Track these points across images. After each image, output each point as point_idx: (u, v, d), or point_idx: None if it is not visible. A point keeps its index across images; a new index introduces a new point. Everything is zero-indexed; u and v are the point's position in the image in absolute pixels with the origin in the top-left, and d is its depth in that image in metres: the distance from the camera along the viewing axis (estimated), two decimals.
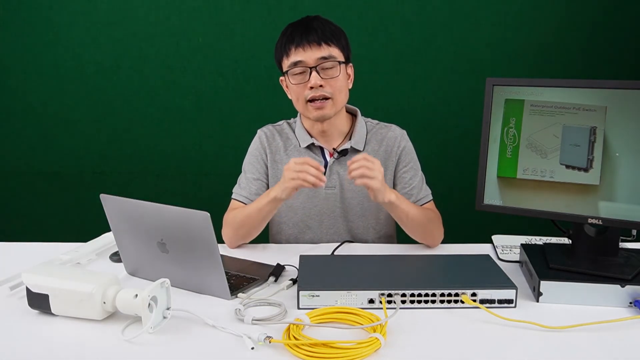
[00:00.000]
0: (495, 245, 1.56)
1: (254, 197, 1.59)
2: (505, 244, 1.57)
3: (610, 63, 2.52)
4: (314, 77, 1.49)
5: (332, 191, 1.62)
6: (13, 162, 2.70)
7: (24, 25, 2.54)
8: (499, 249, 1.53)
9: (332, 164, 1.61)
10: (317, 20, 1.53)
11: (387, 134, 1.65)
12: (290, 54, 1.50)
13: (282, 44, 1.53)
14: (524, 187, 1.28)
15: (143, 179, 2.70)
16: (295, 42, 1.49)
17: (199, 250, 1.19)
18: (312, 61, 1.49)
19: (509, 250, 1.52)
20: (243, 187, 1.63)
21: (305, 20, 1.54)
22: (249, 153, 1.67)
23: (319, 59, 1.49)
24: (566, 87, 1.21)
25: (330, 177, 1.61)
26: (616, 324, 1.08)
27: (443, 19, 2.51)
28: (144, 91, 2.60)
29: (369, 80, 2.55)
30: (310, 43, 1.48)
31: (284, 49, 1.52)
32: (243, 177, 1.65)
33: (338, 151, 1.60)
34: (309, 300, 1.15)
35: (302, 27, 1.51)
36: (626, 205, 1.18)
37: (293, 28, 1.53)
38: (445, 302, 1.16)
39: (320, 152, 1.63)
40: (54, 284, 1.10)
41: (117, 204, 1.26)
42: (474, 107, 2.53)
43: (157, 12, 2.52)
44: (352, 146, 1.60)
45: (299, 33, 1.50)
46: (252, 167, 1.64)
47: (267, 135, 1.66)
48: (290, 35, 1.51)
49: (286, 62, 1.52)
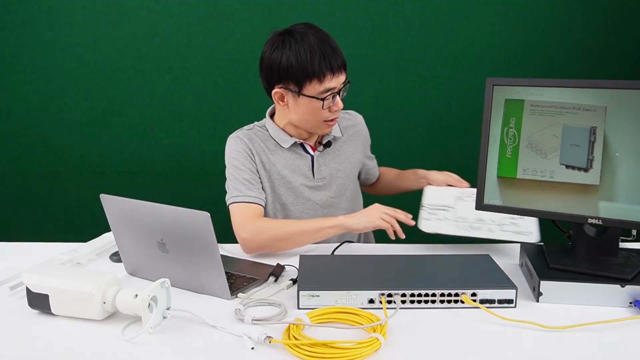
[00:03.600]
0: (423, 205, 1.57)
1: (262, 196, 1.58)
2: (434, 204, 1.58)
3: (610, 63, 2.52)
4: (340, 102, 1.54)
5: (322, 183, 1.65)
6: (13, 162, 2.70)
7: (24, 25, 2.54)
8: (424, 210, 1.55)
9: (317, 157, 1.65)
10: (329, 39, 1.51)
11: (355, 120, 1.77)
12: (324, 80, 1.47)
13: (312, 65, 1.46)
14: (524, 187, 1.28)
15: (143, 179, 2.70)
16: (333, 69, 1.48)
17: (199, 250, 1.19)
18: (339, 86, 1.52)
19: (435, 211, 1.54)
20: (247, 188, 1.56)
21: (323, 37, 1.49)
22: (233, 158, 1.60)
23: (342, 83, 1.53)
24: (566, 87, 1.21)
25: (319, 170, 1.65)
26: (616, 324, 1.08)
27: (443, 19, 2.51)
28: (144, 91, 2.60)
29: (369, 80, 2.56)
30: (341, 70, 1.50)
31: (317, 73, 1.46)
32: (239, 180, 1.57)
33: (323, 144, 1.66)
34: (309, 300, 1.15)
35: (331, 51, 1.48)
36: (626, 205, 1.18)
37: (320, 48, 1.47)
38: (445, 302, 1.16)
39: (302, 149, 1.65)
40: (54, 284, 1.11)
41: (117, 204, 1.26)
42: (474, 107, 2.54)
43: (157, 12, 2.52)
44: (334, 135, 1.68)
45: (333, 58, 1.48)
46: (245, 168, 1.58)
47: (247, 138, 1.62)
48: (324, 60, 1.46)
49: (317, 87, 1.48)
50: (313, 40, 1.47)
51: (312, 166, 1.64)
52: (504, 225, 1.47)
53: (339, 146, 1.69)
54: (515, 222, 1.46)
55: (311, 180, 1.64)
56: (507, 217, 1.46)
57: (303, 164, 1.64)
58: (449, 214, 1.53)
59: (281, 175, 1.62)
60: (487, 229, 1.47)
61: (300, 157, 1.64)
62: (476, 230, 1.47)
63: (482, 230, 1.47)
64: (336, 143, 1.69)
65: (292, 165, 1.63)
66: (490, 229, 1.47)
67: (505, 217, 1.46)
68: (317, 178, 1.64)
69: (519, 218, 1.45)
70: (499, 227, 1.46)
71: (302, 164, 1.64)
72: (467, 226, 1.49)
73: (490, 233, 1.46)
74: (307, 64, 1.46)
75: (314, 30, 1.50)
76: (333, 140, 1.67)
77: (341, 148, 1.69)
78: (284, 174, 1.62)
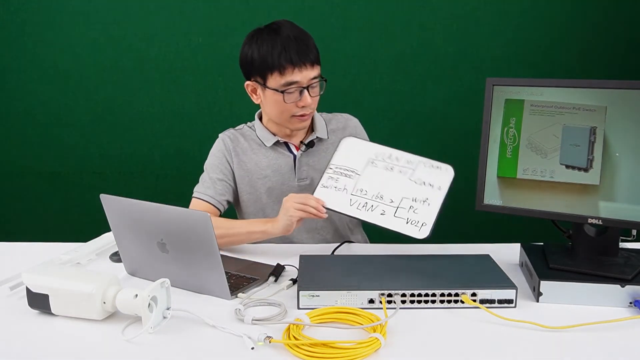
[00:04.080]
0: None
1: (219, 197, 1.62)
2: (341, 164, 1.47)
3: (610, 63, 2.52)
4: (307, 97, 1.51)
5: (304, 183, 1.65)
6: (13, 162, 2.70)
7: (24, 25, 2.54)
8: (327, 172, 1.47)
9: (300, 157, 1.64)
10: (301, 33, 1.51)
11: (348, 122, 1.73)
12: (285, 73, 1.48)
13: (272, 57, 1.48)
14: (524, 187, 1.28)
15: (143, 179, 2.70)
16: (293, 61, 1.47)
17: (199, 250, 1.19)
18: (306, 81, 1.50)
19: (338, 176, 1.45)
20: (208, 187, 1.63)
21: (289, 32, 1.50)
22: (211, 155, 1.68)
23: (311, 79, 1.51)
24: (566, 87, 1.21)
25: (301, 170, 1.64)
26: (616, 324, 1.08)
27: (443, 19, 2.51)
28: (144, 91, 2.60)
29: (369, 80, 2.56)
30: (305, 63, 1.48)
31: (277, 65, 1.48)
32: (207, 177, 1.65)
33: (305, 144, 1.64)
34: (309, 300, 1.15)
35: (295, 43, 1.48)
36: (626, 205, 1.18)
37: (282, 41, 1.48)
38: (445, 302, 1.16)
39: (286, 148, 1.66)
40: (54, 284, 1.11)
41: (117, 204, 1.26)
42: (474, 107, 2.53)
43: (157, 12, 2.52)
44: (318, 136, 1.65)
45: (295, 51, 1.47)
46: (216, 168, 1.65)
47: (230, 139, 1.67)
48: (285, 52, 1.47)
49: (278, 80, 1.50)
50: (282, 34, 1.49)
51: (294, 166, 1.64)
52: (400, 210, 1.36)
53: (325, 148, 1.66)
54: (415, 209, 1.36)
55: (293, 180, 1.64)
56: (408, 200, 1.37)
57: (285, 163, 1.64)
58: (349, 182, 1.43)
59: (263, 174, 1.64)
60: (381, 211, 1.37)
61: (283, 157, 1.65)
62: (368, 211, 1.38)
63: (374, 212, 1.37)
64: (321, 144, 1.67)
65: (274, 164, 1.64)
66: (384, 211, 1.37)
67: (407, 200, 1.37)
68: (298, 178, 1.64)
69: (420, 204, 1.36)
70: (393, 210, 1.37)
71: (284, 163, 1.64)
72: (362, 203, 1.39)
73: (381, 217, 1.36)
74: (268, 56, 1.49)
75: (288, 26, 1.52)
76: (317, 141, 1.66)
77: (327, 150, 1.66)
78: (266, 173, 1.64)
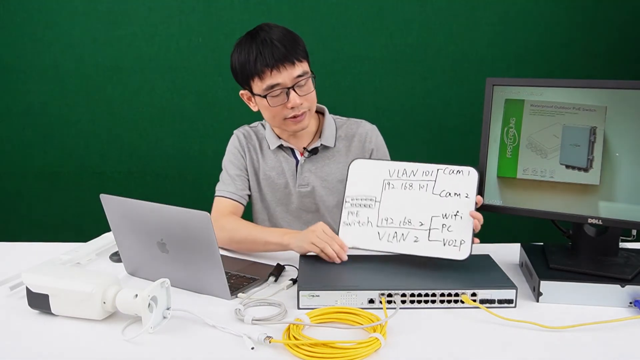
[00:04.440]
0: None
1: (240, 192, 1.62)
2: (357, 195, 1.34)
3: (610, 63, 2.52)
4: (294, 97, 1.47)
5: (305, 189, 1.63)
6: (13, 162, 2.70)
7: (24, 25, 2.54)
8: (346, 206, 1.34)
9: (303, 162, 1.62)
10: (279, 33, 1.46)
11: (358, 130, 1.65)
12: (264, 77, 1.44)
13: (249, 63, 1.45)
14: (524, 187, 1.28)
15: (143, 179, 2.70)
16: (269, 65, 1.43)
17: (199, 250, 1.19)
18: (290, 81, 1.46)
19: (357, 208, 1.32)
20: (228, 184, 1.63)
21: (266, 35, 1.45)
22: (228, 152, 1.68)
23: (295, 78, 1.46)
24: (566, 87, 1.21)
25: (302, 176, 1.63)
26: (616, 324, 1.08)
27: (443, 19, 2.51)
28: (144, 91, 2.60)
29: (369, 80, 2.56)
30: (284, 64, 1.43)
31: (255, 71, 1.45)
32: (226, 175, 1.65)
33: (309, 150, 1.61)
34: (309, 300, 1.15)
35: (270, 46, 1.43)
36: (626, 205, 1.18)
37: (257, 45, 1.44)
38: (445, 302, 1.16)
39: (290, 152, 1.64)
40: (54, 284, 1.10)
41: (117, 204, 1.26)
42: (474, 107, 2.53)
43: (157, 12, 2.52)
44: (322, 144, 1.62)
45: (270, 53, 1.43)
46: (232, 164, 1.65)
47: (244, 135, 1.68)
48: (261, 56, 1.43)
49: (259, 85, 1.46)
50: (258, 39, 1.45)
51: (296, 171, 1.63)
52: (433, 232, 1.26)
53: (330, 155, 1.63)
54: (448, 226, 1.25)
55: (294, 185, 1.63)
56: (439, 218, 1.26)
57: (288, 167, 1.63)
58: (371, 214, 1.32)
59: (267, 175, 1.64)
60: (413, 238, 1.27)
61: (286, 161, 1.63)
62: (400, 242, 1.28)
63: (406, 242, 1.28)
64: (326, 151, 1.63)
65: (278, 167, 1.64)
66: (417, 237, 1.27)
67: (437, 218, 1.26)
68: (299, 184, 1.63)
69: (452, 220, 1.25)
70: (426, 234, 1.27)
71: (287, 167, 1.63)
72: (391, 234, 1.29)
73: (416, 246, 1.27)
74: (246, 63, 1.46)
75: (267, 28, 1.47)
76: (321, 149, 1.62)
77: (332, 158, 1.63)
78: (271, 174, 1.64)
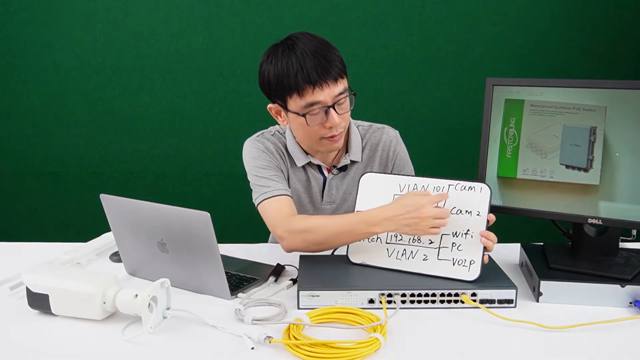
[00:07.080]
0: None
1: (289, 190, 1.46)
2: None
3: (610, 63, 2.52)
4: (334, 116, 1.35)
5: (330, 206, 1.57)
6: (13, 162, 2.70)
7: (24, 25, 2.54)
8: None
9: (330, 179, 1.54)
10: (319, 45, 1.34)
11: (382, 138, 1.57)
12: (305, 94, 1.32)
13: (288, 78, 1.32)
14: (524, 187, 1.28)
15: (143, 179, 2.71)
16: (312, 81, 1.31)
17: (199, 250, 1.19)
18: (331, 100, 1.34)
19: None
20: (272, 183, 1.44)
21: (305, 46, 1.33)
22: (255, 158, 1.48)
23: (337, 96, 1.35)
24: (566, 87, 1.21)
25: (330, 193, 1.56)
26: (616, 324, 1.08)
27: (443, 19, 2.51)
28: (144, 91, 2.61)
29: (368, 80, 2.56)
30: (327, 80, 1.32)
31: (295, 87, 1.32)
32: (263, 179, 1.45)
33: (338, 168, 1.53)
34: (309, 300, 1.15)
35: (314, 60, 1.31)
36: (626, 205, 1.18)
37: (297, 59, 1.31)
38: (445, 302, 1.16)
39: (317, 169, 1.54)
40: (54, 284, 1.10)
41: (117, 204, 1.26)
42: (474, 107, 2.54)
43: (157, 12, 2.52)
44: (351, 159, 1.53)
45: (312, 68, 1.30)
46: (267, 169, 1.47)
47: (272, 143, 1.52)
48: (302, 71, 1.31)
49: (298, 102, 1.34)
50: (298, 50, 1.32)
51: (323, 188, 1.54)
52: (442, 250, 1.22)
53: (356, 168, 1.55)
54: (458, 245, 1.21)
55: (320, 201, 1.56)
56: (449, 236, 1.22)
57: (315, 184, 1.54)
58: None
59: (295, 188, 1.55)
60: (422, 256, 1.23)
61: (314, 178, 1.54)
62: (409, 260, 1.24)
63: (415, 259, 1.24)
64: (353, 166, 1.54)
65: (306, 183, 1.55)
66: (426, 255, 1.23)
67: (447, 236, 1.22)
68: (325, 201, 1.55)
69: (463, 239, 1.21)
70: (435, 252, 1.23)
71: (315, 184, 1.54)
72: (400, 251, 1.26)
73: (425, 264, 1.23)
74: (284, 77, 1.33)
75: (305, 40, 1.35)
76: (350, 165, 1.53)
77: (357, 171, 1.54)
78: (297, 188, 1.55)
